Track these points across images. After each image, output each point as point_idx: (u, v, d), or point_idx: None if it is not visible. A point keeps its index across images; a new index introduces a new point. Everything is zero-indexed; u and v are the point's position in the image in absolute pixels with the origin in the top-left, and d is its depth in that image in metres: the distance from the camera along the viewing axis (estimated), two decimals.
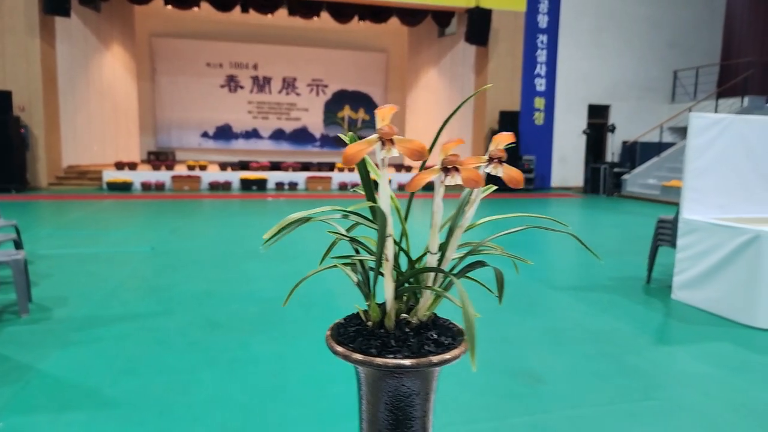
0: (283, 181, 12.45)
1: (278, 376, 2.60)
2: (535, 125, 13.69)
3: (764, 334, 3.37)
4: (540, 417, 2.28)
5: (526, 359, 2.91)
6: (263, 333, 3.17)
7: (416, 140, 0.58)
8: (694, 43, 14.62)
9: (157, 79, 16.02)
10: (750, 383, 2.65)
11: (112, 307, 3.60)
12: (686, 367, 2.84)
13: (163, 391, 2.42)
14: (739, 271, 3.56)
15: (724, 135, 3.96)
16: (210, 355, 2.83)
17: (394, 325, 0.63)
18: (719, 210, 4.02)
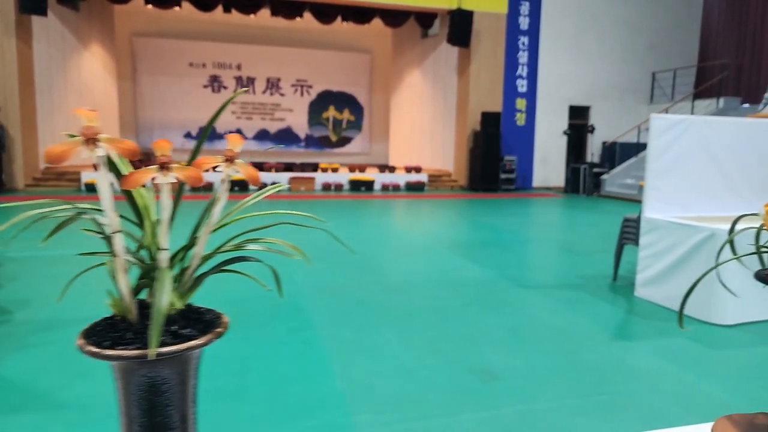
0: (265, 181, 12.42)
1: (238, 377, 2.61)
2: (517, 126, 13.81)
3: (719, 329, 3.45)
4: (491, 413, 2.32)
5: (484, 356, 2.95)
6: (227, 334, 3.17)
7: (127, 140, 0.61)
8: (672, 45, 14.84)
9: (139, 78, 15.90)
10: (699, 377, 2.72)
11: (74, 309, 3.58)
12: (640, 362, 2.90)
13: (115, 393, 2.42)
14: (697, 269, 3.63)
15: (684, 136, 4.04)
16: None
17: (137, 318, 0.66)
18: (681, 209, 4.10)
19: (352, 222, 7.85)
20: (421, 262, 5.28)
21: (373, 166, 15.29)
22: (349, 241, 6.22)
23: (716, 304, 3.53)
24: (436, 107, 14.97)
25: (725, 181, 4.18)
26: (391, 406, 2.35)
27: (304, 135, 17.57)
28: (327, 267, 4.92)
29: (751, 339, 3.30)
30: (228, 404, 2.33)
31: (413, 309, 3.73)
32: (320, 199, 11.01)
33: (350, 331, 3.26)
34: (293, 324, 3.36)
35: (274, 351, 2.93)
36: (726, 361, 2.96)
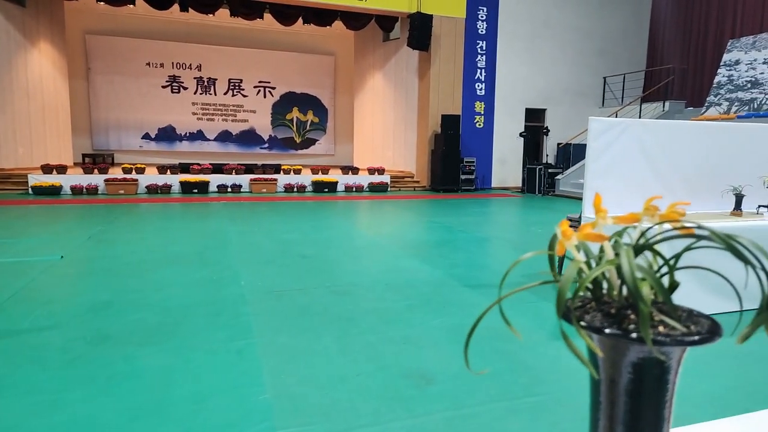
0: (226, 183, 12.19)
1: (158, 392, 2.51)
2: (476, 128, 13.96)
3: None
4: (420, 420, 2.30)
5: (422, 360, 2.93)
6: (156, 345, 3.06)
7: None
8: (622, 51, 15.30)
9: (92, 78, 15.38)
10: None
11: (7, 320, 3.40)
12: (575, 361, 2.93)
13: (23, 413, 2.29)
14: None
15: (621, 138, 4.13)
16: (88, 372, 2.70)
17: None
18: (618, 209, 4.16)
19: (311, 224, 7.76)
20: (373, 263, 5.25)
21: (336, 167, 15.22)
22: (304, 243, 6.14)
23: None
24: (398, 109, 15.00)
25: (661, 182, 4.29)
26: (319, 417, 2.29)
27: (268, 136, 17.34)
28: (275, 270, 4.83)
29: None
30: (143, 422, 2.23)
31: (357, 312, 3.69)
32: (282, 201, 10.86)
33: (288, 338, 3.20)
34: (230, 332, 3.27)
35: (203, 362, 2.84)
36: None
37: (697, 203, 4.42)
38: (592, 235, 0.55)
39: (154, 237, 6.44)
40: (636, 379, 0.51)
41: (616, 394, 0.52)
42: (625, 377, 0.51)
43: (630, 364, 0.51)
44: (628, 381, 0.51)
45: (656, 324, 0.51)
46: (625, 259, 0.51)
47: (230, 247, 5.88)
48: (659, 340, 0.48)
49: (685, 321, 0.53)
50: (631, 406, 0.51)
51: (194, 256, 5.37)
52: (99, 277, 4.56)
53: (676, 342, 0.48)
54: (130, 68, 15.68)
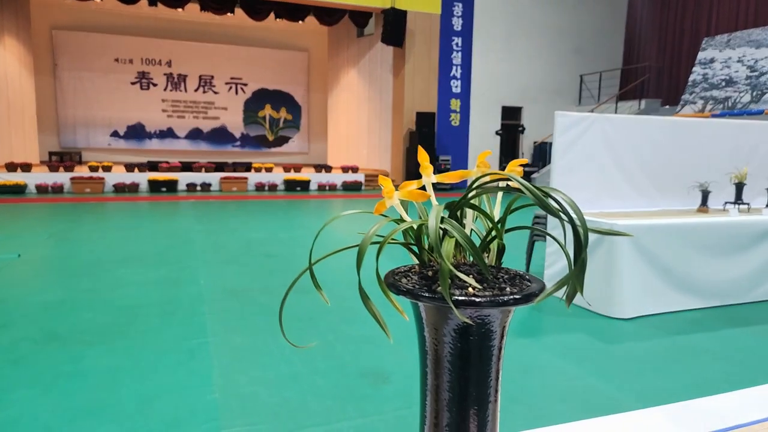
0: (195, 182, 11.96)
1: (103, 392, 2.39)
2: (452, 126, 13.95)
3: (617, 323, 3.52)
4: (371, 419, 2.23)
5: (380, 358, 2.86)
6: (105, 345, 2.93)
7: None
8: (598, 49, 15.46)
9: (59, 74, 14.94)
10: (587, 372, 2.73)
11: None
12: (533, 358, 2.90)
13: None
14: (597, 264, 3.70)
15: (587, 133, 4.12)
16: (33, 372, 2.58)
17: None
18: (586, 204, 4.18)
19: (280, 223, 7.64)
20: (340, 262, 5.15)
21: (309, 166, 15.07)
22: (270, 243, 6.02)
23: (615, 298, 3.60)
24: (372, 107, 14.92)
25: (627, 178, 4.29)
26: (267, 417, 2.21)
27: (240, 134, 17.07)
28: (237, 270, 4.71)
29: (646, 332, 3.39)
30: (84, 423, 2.12)
31: (318, 312, 3.60)
32: (252, 199, 10.69)
33: (244, 337, 3.10)
34: (183, 331, 3.16)
35: (153, 361, 2.72)
36: (618, 356, 3.01)
37: (664, 200, 4.44)
38: (415, 192, 0.51)
39: (116, 236, 6.25)
40: (456, 345, 0.46)
41: (439, 363, 0.47)
42: (447, 344, 0.46)
43: (451, 330, 0.46)
44: (449, 348, 0.46)
45: (466, 285, 0.47)
46: (433, 214, 0.46)
47: (193, 246, 5.74)
48: (461, 300, 0.43)
49: (506, 282, 0.49)
50: (454, 375, 0.47)
51: (155, 255, 5.21)
52: (54, 276, 4.38)
53: (479, 303, 0.43)
54: (98, 64, 15.28)
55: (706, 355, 3.01)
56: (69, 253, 5.31)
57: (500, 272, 0.50)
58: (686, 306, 3.80)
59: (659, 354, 3.02)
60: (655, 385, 2.60)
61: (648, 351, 3.08)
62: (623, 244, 3.56)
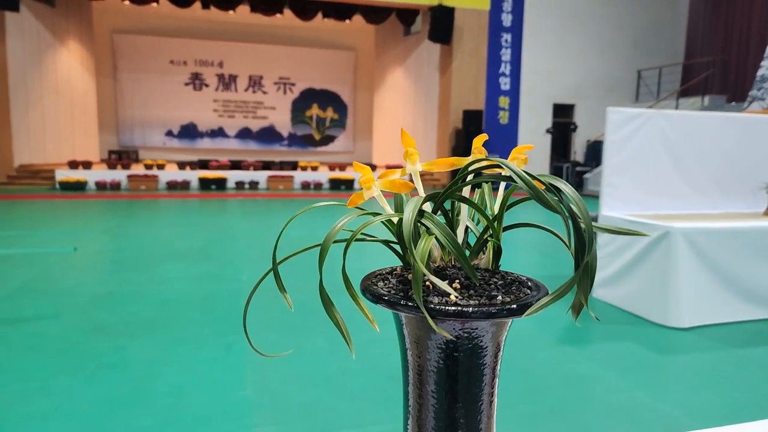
0: (243, 180, 12.24)
1: (140, 384, 2.43)
2: (500, 124, 13.65)
3: (672, 333, 3.29)
4: (399, 424, 2.15)
5: None
6: (147, 337, 3.00)
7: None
8: (658, 42, 14.73)
9: (119, 76, 15.66)
10: (635, 384, 2.56)
11: (14, 309, 3.41)
12: (577, 368, 2.74)
13: (8, 400, 2.25)
14: (651, 269, 3.48)
15: (642, 130, 3.89)
16: (77, 361, 2.66)
17: None
18: (639, 206, 3.95)
19: (321, 221, 7.68)
20: (380, 262, 5.11)
21: (324, 164, 15.13)
22: (310, 240, 6.05)
23: (672, 305, 3.38)
24: (418, 105, 14.81)
25: (686, 178, 4.02)
26: (297, 417, 2.18)
27: (287, 133, 17.37)
28: (281, 265, 4.74)
29: (705, 344, 3.15)
30: (122, 413, 2.16)
31: (355, 311, 3.55)
32: (297, 198, 10.83)
33: (280, 336, 3.09)
34: (222, 327, 3.19)
35: (190, 356, 2.76)
36: (672, 368, 2.80)
37: (726, 202, 4.14)
38: (397, 182, 0.44)
39: (165, 232, 6.45)
40: (440, 361, 0.38)
41: (422, 381, 0.40)
42: (430, 360, 0.39)
43: (435, 344, 0.38)
44: (433, 364, 0.39)
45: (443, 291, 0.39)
46: (410, 207, 0.39)
47: (237, 242, 5.84)
48: (438, 309, 0.36)
49: (500, 289, 0.41)
50: (439, 396, 0.39)
51: (200, 251, 5.34)
52: (105, 270, 4.56)
53: (456, 313, 0.36)
54: (154, 66, 15.91)
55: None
56: (121, 247, 5.52)
57: (494, 276, 0.42)
58: (750, 316, 3.51)
59: (718, 368, 2.79)
60: (712, 402, 2.40)
61: (705, 364, 2.85)
62: (680, 247, 3.33)
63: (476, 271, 0.42)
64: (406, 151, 0.43)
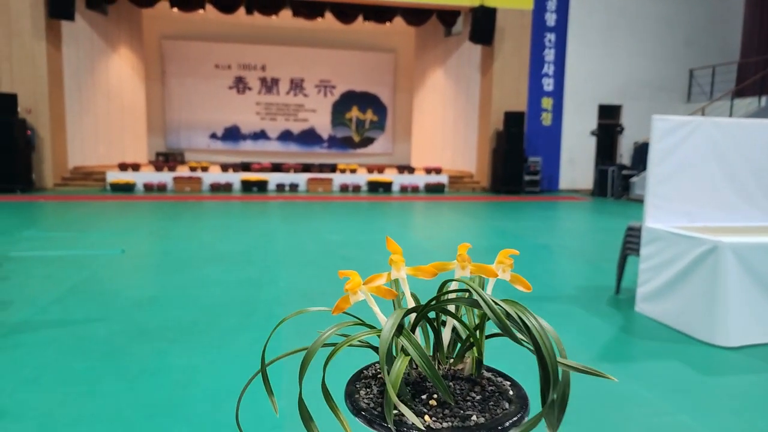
0: (284, 182, 12.46)
1: (180, 390, 2.51)
2: (543, 126, 13.38)
3: (719, 352, 3.14)
4: None
5: None
6: (186, 342, 3.09)
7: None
8: (711, 41, 14.09)
9: (167, 81, 16.23)
10: (679, 407, 2.45)
11: (50, 312, 3.59)
12: (616, 387, 2.65)
13: (56, 402, 2.37)
14: (698, 284, 3.34)
15: (691, 138, 3.73)
16: (122, 365, 2.77)
17: None
18: (686, 218, 3.79)
19: (360, 225, 7.73)
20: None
21: (392, 167, 15.15)
22: (349, 245, 6.10)
23: (719, 322, 3.22)
24: (458, 107, 14.69)
25: (738, 189, 3.83)
26: (327, 428, 2.19)
27: (327, 135, 17.57)
28: (314, 272, 4.80)
29: (753, 364, 2.99)
30: (160, 421, 2.23)
31: None
32: (336, 200, 10.94)
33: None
34: (258, 334, 3.25)
35: (228, 362, 2.83)
36: (718, 390, 2.67)
37: None
38: (382, 289, 0.44)
39: (208, 235, 6.64)
40: None
41: None
42: None
43: None
44: None
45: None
46: (389, 324, 0.38)
47: (276, 246, 5.94)
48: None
49: (476, 405, 0.39)
50: None
51: (240, 255, 5.46)
52: (150, 273, 4.73)
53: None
54: (200, 70, 16.41)
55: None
56: (165, 249, 5.72)
57: (474, 389, 0.41)
58: None
59: (766, 390, 2.65)
60: (759, 428, 2.28)
61: (754, 386, 2.71)
62: (729, 262, 3.17)
63: (458, 379, 0.42)
64: (391, 259, 0.43)
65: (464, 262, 0.42)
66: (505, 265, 0.44)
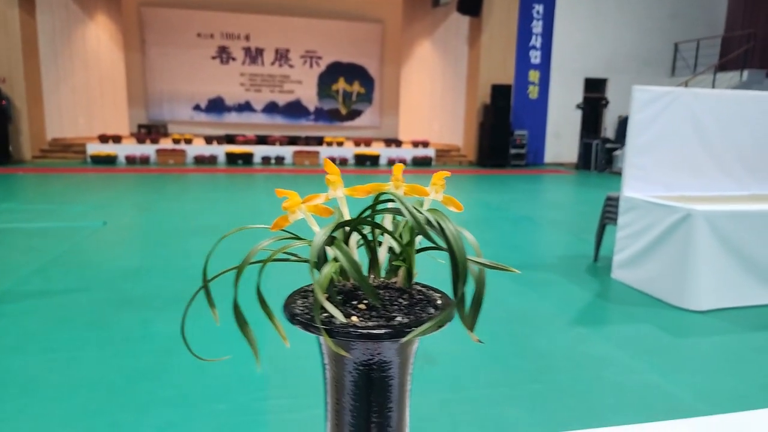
0: (269, 155, 12.36)
1: (165, 357, 2.55)
2: (529, 99, 13.37)
3: (690, 315, 3.26)
4: (414, 401, 2.21)
5: (433, 339, 2.83)
6: (172, 311, 3.12)
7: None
8: (697, 13, 14.07)
9: (147, 50, 15.85)
10: (648, 366, 2.56)
11: (32, 283, 3.58)
12: (591, 348, 2.75)
13: (38, 369, 2.39)
14: (671, 251, 3.43)
15: (669, 109, 3.78)
16: (105, 333, 2.80)
17: None
18: (663, 188, 3.87)
19: None
20: None
21: (380, 140, 15.08)
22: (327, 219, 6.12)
23: (690, 288, 3.33)
24: (446, 79, 14.59)
25: (714, 159, 3.91)
26: (310, 390, 2.26)
27: (314, 108, 17.38)
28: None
29: (722, 327, 3.11)
30: (145, 385, 2.28)
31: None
32: (323, 173, 10.88)
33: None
34: (242, 301, 3.29)
35: (212, 330, 2.86)
36: (687, 351, 2.79)
37: (756, 183, 4.02)
38: (320, 207, 0.47)
39: (192, 207, 6.61)
40: (353, 377, 0.42)
41: (339, 395, 0.43)
42: (346, 375, 0.42)
43: (345, 358, 0.42)
44: (347, 380, 0.42)
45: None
46: (319, 235, 0.42)
47: (260, 219, 5.95)
48: (334, 330, 0.39)
49: (402, 310, 0.43)
50: (353, 402, 0.43)
51: (225, 226, 5.46)
52: (133, 244, 4.72)
53: (345, 334, 0.38)
54: (182, 40, 16.03)
55: None
56: (149, 222, 5.69)
57: (402, 296, 0.45)
58: None
59: (732, 351, 2.77)
60: (724, 386, 2.39)
61: (720, 347, 2.83)
62: (701, 229, 3.26)
63: (390, 289, 0.45)
64: (328, 179, 0.46)
65: (398, 182, 0.45)
66: (438, 186, 0.47)
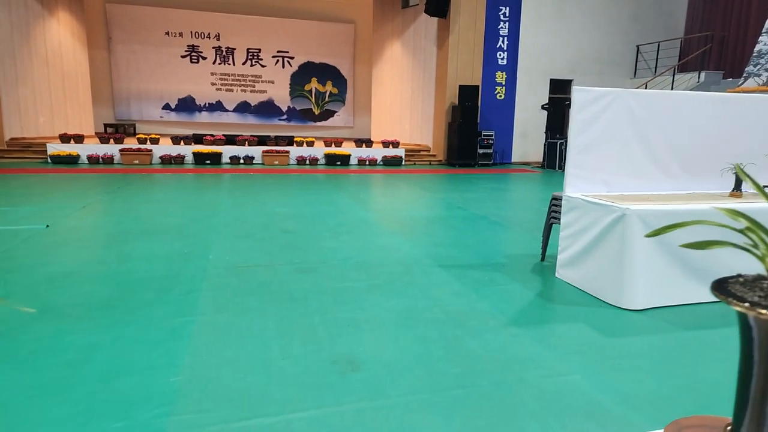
0: (238, 155, 12.18)
1: (71, 370, 2.44)
2: (497, 100, 13.44)
3: (625, 314, 3.27)
4: (328, 410, 2.16)
5: (359, 344, 2.78)
6: (93, 320, 3.01)
7: None
8: (658, 16, 14.32)
9: (113, 48, 15.49)
10: (574, 367, 2.55)
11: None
12: (520, 350, 2.73)
13: None
14: (609, 250, 3.44)
15: (610, 109, 3.79)
16: (11, 346, 2.66)
17: None
18: (604, 187, 3.88)
19: (310, 198, 7.65)
20: (352, 240, 5.10)
21: (351, 140, 15.00)
22: (292, 218, 6.04)
23: (626, 286, 3.34)
24: (416, 80, 14.58)
25: (653, 158, 3.94)
26: (222, 404, 2.18)
27: (287, 107, 17.21)
28: (249, 245, 4.74)
29: (654, 325, 3.13)
30: (40, 402, 2.15)
31: (313, 292, 3.56)
32: (292, 173, 10.78)
33: (230, 317, 3.10)
34: (173, 308, 3.19)
35: (132, 339, 2.77)
36: (614, 351, 2.78)
37: (694, 183, 4.06)
38: None
39: (147, 208, 6.45)
40: None
41: None
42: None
43: None
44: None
45: None
46: None
47: (216, 219, 5.83)
48: None
49: None
50: None
51: (176, 228, 5.34)
52: (73, 248, 4.57)
53: None
54: (149, 38, 15.71)
55: (713, 353, 2.74)
56: (96, 224, 5.53)
57: None
58: (705, 298, 3.48)
59: (661, 350, 2.77)
60: (643, 387, 2.39)
61: (649, 346, 2.83)
62: (636, 228, 3.28)
63: None
64: None
65: None
66: None
